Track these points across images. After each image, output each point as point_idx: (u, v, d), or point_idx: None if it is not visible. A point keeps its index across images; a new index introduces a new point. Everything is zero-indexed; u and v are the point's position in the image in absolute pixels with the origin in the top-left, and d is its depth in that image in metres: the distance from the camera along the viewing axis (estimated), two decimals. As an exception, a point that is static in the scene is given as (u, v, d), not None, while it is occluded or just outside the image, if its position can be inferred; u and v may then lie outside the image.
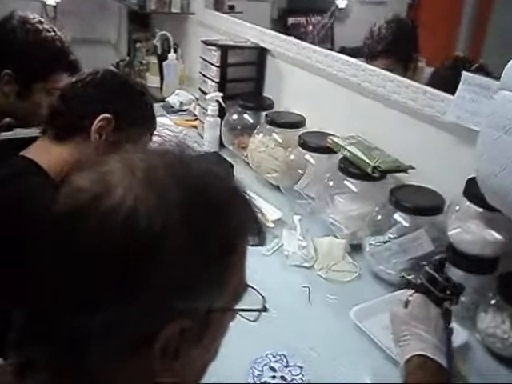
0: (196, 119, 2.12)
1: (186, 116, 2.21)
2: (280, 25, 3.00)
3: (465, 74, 1.20)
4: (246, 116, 1.83)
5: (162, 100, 2.33)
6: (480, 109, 1.17)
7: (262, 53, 1.90)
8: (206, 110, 1.90)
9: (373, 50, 1.85)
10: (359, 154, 1.36)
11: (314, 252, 1.35)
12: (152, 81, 2.43)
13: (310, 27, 3.27)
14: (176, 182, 0.56)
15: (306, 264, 1.32)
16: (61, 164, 1.12)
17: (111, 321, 0.53)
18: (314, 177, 1.54)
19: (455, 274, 1.17)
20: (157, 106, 2.27)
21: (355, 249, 1.37)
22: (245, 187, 0.63)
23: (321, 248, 1.36)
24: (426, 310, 0.92)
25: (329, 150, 1.49)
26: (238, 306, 0.63)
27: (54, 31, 1.45)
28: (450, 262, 1.18)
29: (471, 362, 1.06)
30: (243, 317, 0.65)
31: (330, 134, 1.51)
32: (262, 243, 0.64)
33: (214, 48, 1.83)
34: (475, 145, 1.21)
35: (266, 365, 1.02)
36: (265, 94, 1.91)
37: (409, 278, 0.98)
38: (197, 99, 2.18)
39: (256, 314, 0.65)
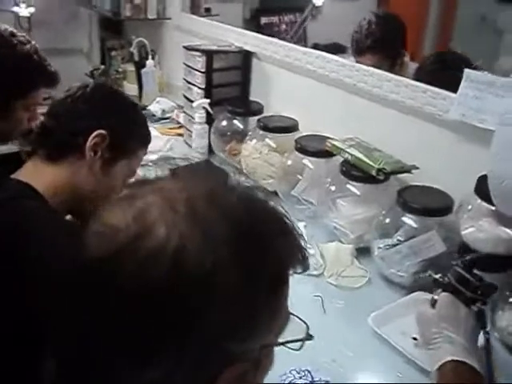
0: (180, 127, 2.08)
1: (169, 124, 2.16)
2: (253, 25, 2.97)
3: (467, 71, 1.19)
4: (235, 122, 1.79)
5: (143, 108, 2.27)
6: (485, 106, 1.16)
7: (246, 56, 1.87)
8: (192, 117, 1.86)
9: (361, 45, 1.84)
10: (362, 156, 1.34)
11: (321, 259, 1.32)
12: (130, 89, 2.37)
13: (283, 26, 3.26)
14: (221, 214, 0.52)
15: (314, 272, 1.29)
16: (56, 186, 1.07)
17: (162, 376, 0.48)
18: (312, 181, 1.51)
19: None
20: (138, 115, 2.23)
21: (362, 252, 1.35)
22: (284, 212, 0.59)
23: (328, 254, 1.33)
24: (455, 310, 0.90)
25: (327, 154, 1.47)
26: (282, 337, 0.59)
27: (29, 43, 1.39)
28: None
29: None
30: (288, 347, 0.61)
31: (327, 137, 1.49)
32: (306, 269, 0.60)
33: (198, 54, 1.78)
34: (480, 142, 1.21)
35: (291, 382, 0.99)
36: (252, 99, 1.87)
37: (436, 276, 0.96)
38: (179, 106, 2.14)
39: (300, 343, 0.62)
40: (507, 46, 2.44)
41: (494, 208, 1.11)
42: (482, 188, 1.13)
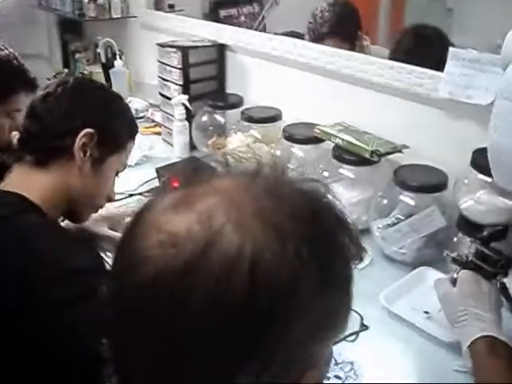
0: (156, 125, 2.06)
1: (145, 123, 2.13)
2: (212, 18, 2.96)
3: (452, 49, 1.22)
4: (216, 116, 1.79)
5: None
6: (472, 82, 1.20)
7: (221, 49, 1.87)
8: (170, 114, 1.85)
9: (318, 34, 1.87)
10: (353, 140, 1.36)
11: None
12: (99, 91, 2.32)
13: (242, 18, 3.26)
14: (289, 214, 0.48)
15: (318, 257, 1.31)
16: (49, 192, 1.03)
17: None
18: (302, 168, 1.53)
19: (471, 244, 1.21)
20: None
21: (361, 234, 1.37)
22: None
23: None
24: (478, 286, 0.92)
25: (316, 140, 1.49)
26: None
27: (6, 49, 1.35)
28: (465, 234, 1.21)
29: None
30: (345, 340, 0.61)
31: (314, 124, 1.51)
32: (362, 259, 0.56)
33: (173, 50, 1.77)
34: (469, 117, 1.25)
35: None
36: (230, 91, 1.87)
37: (453, 255, 0.98)
38: (153, 105, 2.12)
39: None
40: (457, 25, 2.50)
41: (490, 180, 1.15)
42: (478, 161, 1.16)
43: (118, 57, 2.25)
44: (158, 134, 2.01)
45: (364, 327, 0.62)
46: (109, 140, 1.08)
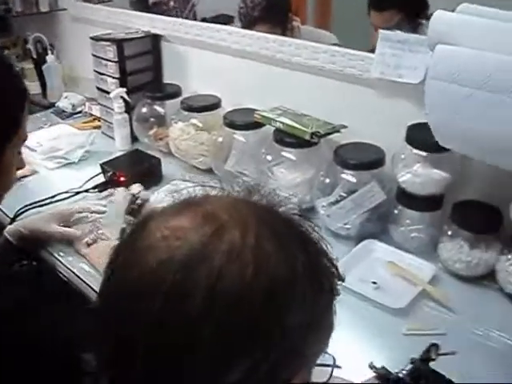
0: (95, 119, 2.03)
1: (82, 118, 2.10)
2: (142, 6, 2.91)
3: (381, 32, 1.27)
4: (156, 107, 1.79)
5: (50, 106, 2.19)
6: (401, 62, 1.26)
7: (155, 40, 1.86)
8: (109, 108, 1.84)
9: (249, 18, 1.90)
10: (293, 123, 1.40)
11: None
12: (31, 87, 2.26)
13: (171, 3, 3.23)
14: (284, 224, 0.54)
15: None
16: None
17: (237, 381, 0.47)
18: (244, 153, 1.56)
19: (411, 215, 1.28)
20: (47, 113, 2.16)
21: (305, 213, 1.42)
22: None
23: (276, 220, 1.39)
24: None
25: (256, 125, 1.52)
26: None
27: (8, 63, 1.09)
28: (405, 206, 1.29)
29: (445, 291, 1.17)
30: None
31: (253, 110, 1.54)
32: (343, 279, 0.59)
33: (107, 43, 1.75)
34: (400, 95, 1.31)
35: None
36: (167, 81, 1.87)
37: (377, 367, 0.83)
38: (90, 99, 2.09)
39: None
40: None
41: (425, 154, 1.22)
42: (412, 137, 1.23)
43: (49, 52, 2.19)
44: (98, 128, 1.99)
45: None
46: (4, 126, 0.95)
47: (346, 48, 1.38)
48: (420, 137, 1.22)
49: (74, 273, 1.25)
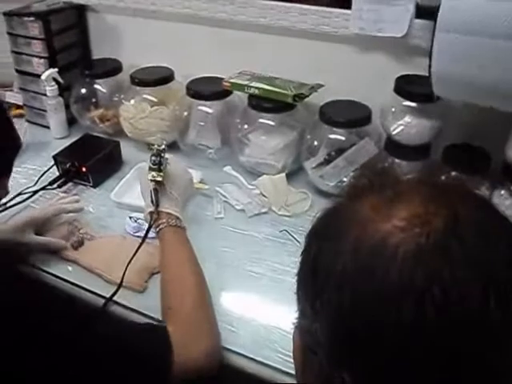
0: (17, 108, 1.81)
1: None
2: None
3: (357, -15, 1.27)
4: (97, 86, 1.64)
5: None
6: (381, 16, 1.26)
7: (82, 11, 1.69)
8: (35, 92, 1.66)
9: None
10: (270, 87, 1.36)
11: (263, 196, 1.35)
12: None
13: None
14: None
15: (264, 210, 1.32)
16: None
17: None
18: (209, 125, 1.50)
19: (402, 166, 1.32)
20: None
21: (290, 178, 1.41)
22: None
23: (266, 190, 1.36)
24: None
25: (224, 94, 1.46)
26: None
27: None
28: (397, 157, 1.32)
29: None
30: None
31: (217, 78, 1.47)
32: None
33: (31, 18, 1.56)
34: (380, 49, 1.32)
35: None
36: (101, 57, 1.71)
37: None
38: (5, 85, 1.86)
39: None
40: None
41: (415, 105, 1.25)
42: (402, 88, 1.26)
43: None
44: (20, 116, 1.78)
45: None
46: None
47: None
48: (409, 88, 1.25)
49: (73, 283, 1.12)
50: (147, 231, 1.06)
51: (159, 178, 1.08)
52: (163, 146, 1.12)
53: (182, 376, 0.79)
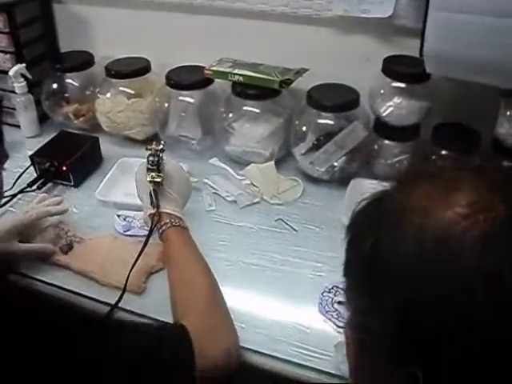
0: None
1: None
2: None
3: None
4: (68, 80, 1.57)
5: None
6: (365, -4, 1.24)
7: (47, 2, 1.61)
8: (4, 90, 1.58)
9: None
10: (255, 74, 1.32)
11: (253, 185, 1.32)
12: None
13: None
14: None
15: (256, 200, 1.29)
16: None
17: None
18: (190, 115, 1.46)
19: (393, 147, 1.31)
20: None
21: (279, 165, 1.38)
22: None
23: (255, 178, 1.33)
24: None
25: (206, 83, 1.41)
26: None
27: None
28: (387, 139, 1.31)
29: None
30: None
31: (197, 67, 1.43)
32: None
33: (-7, 12, 1.47)
34: (364, 31, 1.30)
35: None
36: (71, 49, 1.63)
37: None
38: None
39: None
40: None
41: (404, 85, 1.24)
42: (390, 69, 1.24)
43: None
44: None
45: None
46: None
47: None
48: (397, 69, 1.23)
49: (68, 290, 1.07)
50: (149, 233, 1.02)
51: (159, 179, 1.04)
52: (161, 146, 1.08)
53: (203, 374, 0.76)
